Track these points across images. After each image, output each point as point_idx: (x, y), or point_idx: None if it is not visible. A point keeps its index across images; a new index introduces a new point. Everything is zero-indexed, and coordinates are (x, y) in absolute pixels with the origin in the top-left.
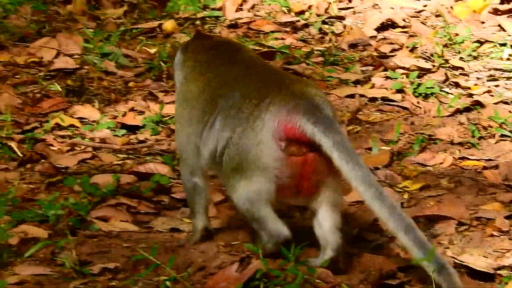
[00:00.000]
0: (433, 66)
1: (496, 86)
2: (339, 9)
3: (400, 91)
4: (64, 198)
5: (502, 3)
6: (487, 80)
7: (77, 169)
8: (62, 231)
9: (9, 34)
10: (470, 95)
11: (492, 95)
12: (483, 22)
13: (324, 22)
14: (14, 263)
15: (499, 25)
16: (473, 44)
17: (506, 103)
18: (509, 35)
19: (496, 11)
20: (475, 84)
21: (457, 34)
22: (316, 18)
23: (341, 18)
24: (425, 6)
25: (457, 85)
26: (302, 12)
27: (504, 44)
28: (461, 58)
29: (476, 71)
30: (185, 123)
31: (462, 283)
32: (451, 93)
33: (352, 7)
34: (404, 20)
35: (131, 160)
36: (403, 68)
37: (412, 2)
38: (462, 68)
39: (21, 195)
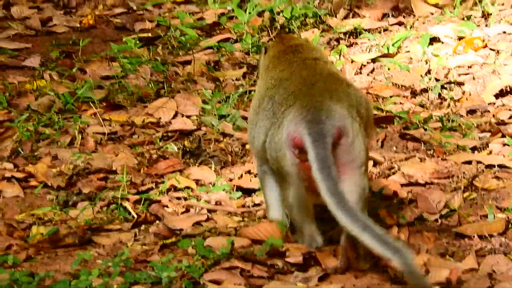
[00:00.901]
0: None
1: None
2: (459, 74)
3: None
4: (178, 260)
5: None
6: None
7: (191, 231)
8: None
9: (128, 94)
10: None
11: None
12: None
13: (443, 87)
14: None
15: None
16: None
17: None
18: None
19: None
20: None
21: None
22: (435, 83)
23: (460, 84)
24: None
25: None
26: (421, 77)
27: None
28: None
29: None
30: (248, 121)
31: None
32: None
33: (472, 73)
34: None
35: (246, 223)
36: None
37: None
38: None
39: (134, 256)
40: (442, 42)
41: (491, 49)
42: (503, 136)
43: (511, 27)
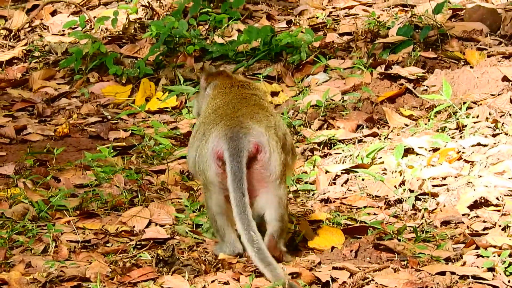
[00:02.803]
0: None
1: None
2: (433, 185)
3: (491, 269)
4: None
5: None
6: None
7: None
8: None
9: (102, 203)
10: None
11: None
12: None
13: (417, 198)
14: None
15: None
16: None
17: None
18: None
19: None
20: None
21: None
22: (409, 194)
23: (435, 195)
24: None
25: None
26: (395, 188)
27: None
28: None
29: None
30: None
31: None
32: None
33: (446, 184)
34: (497, 199)
35: None
36: (495, 246)
37: (506, 181)
38: None
39: None
40: (417, 154)
41: (465, 160)
42: (477, 247)
43: (486, 139)
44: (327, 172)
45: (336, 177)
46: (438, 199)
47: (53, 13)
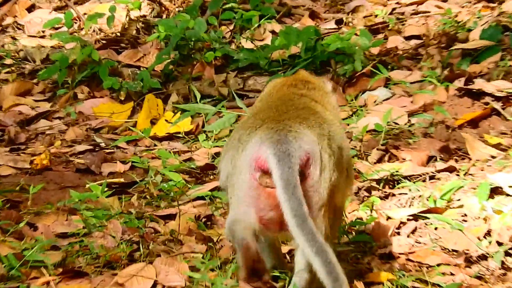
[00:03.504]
0: None
1: None
2: None
3: None
4: None
5: None
6: None
7: None
8: None
9: (92, 258)
10: None
11: None
12: None
13: (507, 254)
14: None
15: None
16: None
17: None
18: None
19: None
20: None
21: None
22: (497, 248)
23: None
24: None
25: None
26: (479, 240)
27: None
28: None
29: None
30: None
31: None
32: None
33: None
34: None
35: None
36: None
37: None
38: None
39: None
40: (507, 195)
41: None
42: None
43: None
44: (388, 218)
45: (401, 225)
46: None
47: (30, 9)
